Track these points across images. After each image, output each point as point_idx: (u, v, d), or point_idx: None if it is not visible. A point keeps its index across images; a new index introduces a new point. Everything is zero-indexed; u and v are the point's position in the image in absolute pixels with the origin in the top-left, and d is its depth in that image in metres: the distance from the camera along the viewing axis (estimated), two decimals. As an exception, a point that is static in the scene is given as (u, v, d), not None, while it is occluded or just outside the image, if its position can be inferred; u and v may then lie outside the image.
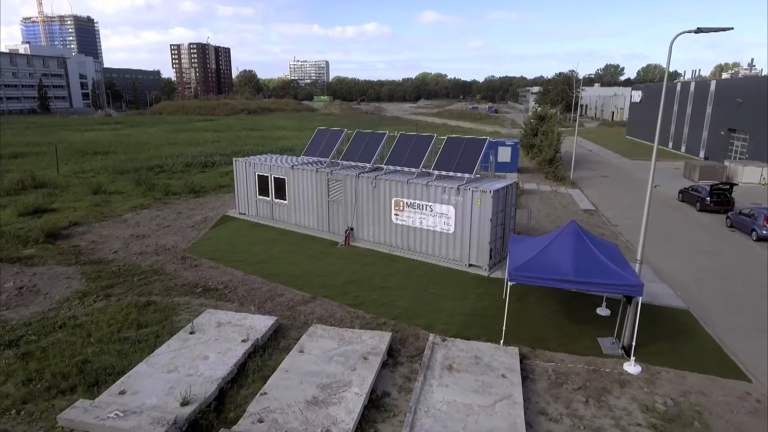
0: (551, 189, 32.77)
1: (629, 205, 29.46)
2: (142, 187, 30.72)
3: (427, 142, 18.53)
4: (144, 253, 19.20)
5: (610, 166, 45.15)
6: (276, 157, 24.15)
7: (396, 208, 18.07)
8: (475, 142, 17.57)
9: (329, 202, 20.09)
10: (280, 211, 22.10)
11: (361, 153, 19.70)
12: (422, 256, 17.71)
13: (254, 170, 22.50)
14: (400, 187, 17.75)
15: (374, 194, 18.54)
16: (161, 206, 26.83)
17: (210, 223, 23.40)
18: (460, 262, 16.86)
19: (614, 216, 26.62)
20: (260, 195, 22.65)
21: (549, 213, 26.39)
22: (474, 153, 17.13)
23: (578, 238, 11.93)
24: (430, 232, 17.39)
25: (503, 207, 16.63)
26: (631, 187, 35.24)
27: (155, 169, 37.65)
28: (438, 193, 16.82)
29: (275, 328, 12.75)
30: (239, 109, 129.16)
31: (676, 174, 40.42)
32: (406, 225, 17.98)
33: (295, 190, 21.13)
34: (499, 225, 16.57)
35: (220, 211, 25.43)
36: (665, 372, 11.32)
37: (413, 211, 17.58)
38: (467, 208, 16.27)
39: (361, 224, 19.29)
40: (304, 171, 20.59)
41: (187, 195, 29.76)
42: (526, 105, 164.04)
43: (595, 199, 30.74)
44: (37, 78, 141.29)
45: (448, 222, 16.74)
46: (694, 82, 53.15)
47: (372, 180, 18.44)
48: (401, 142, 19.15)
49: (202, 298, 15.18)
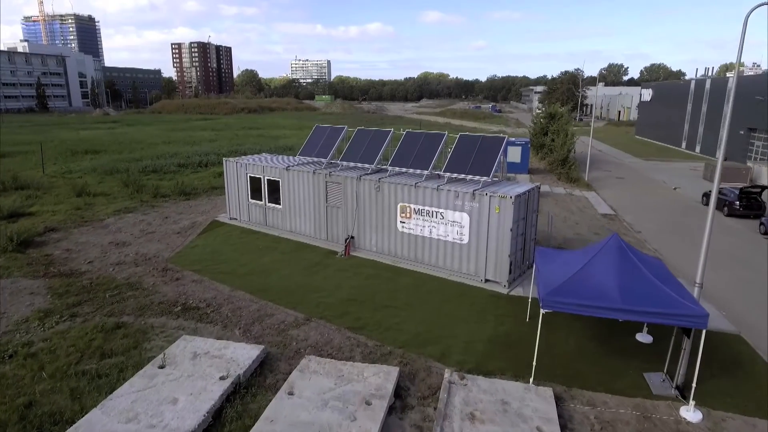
0: (566, 191, 30.76)
1: (650, 208, 27.47)
2: (130, 189, 28.82)
3: (437, 141, 16.54)
4: (122, 264, 17.26)
5: (624, 167, 43.13)
6: (270, 157, 22.19)
7: (402, 215, 16.09)
8: (492, 141, 15.56)
9: (327, 207, 18.12)
10: (274, 216, 20.14)
11: (363, 153, 17.72)
12: (431, 269, 15.73)
13: (246, 171, 20.55)
14: (407, 191, 15.77)
15: (377, 199, 16.57)
16: (147, 210, 24.89)
17: (198, 229, 21.45)
18: (474, 277, 14.87)
19: (636, 221, 24.62)
20: (252, 198, 20.70)
21: (566, 218, 24.39)
22: (491, 153, 15.14)
23: (623, 255, 9.95)
24: (440, 243, 15.41)
25: (524, 214, 14.65)
26: (649, 189, 33.23)
27: (146, 170, 35.76)
28: (450, 199, 14.85)
29: (262, 359, 10.80)
30: (239, 108, 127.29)
31: (694, 176, 38.39)
32: (413, 234, 16.00)
33: (290, 194, 19.17)
34: (520, 235, 14.59)
35: (211, 216, 23.49)
36: (731, 419, 9.34)
37: (421, 218, 15.61)
38: (484, 216, 14.28)
39: (363, 232, 17.33)
40: (299, 172, 18.62)
41: (177, 197, 27.83)
42: (530, 104, 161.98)
43: (613, 202, 28.73)
44: (35, 77, 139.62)
45: (462, 231, 14.76)
46: (710, 80, 51.06)
47: (375, 183, 16.47)
48: (407, 141, 17.17)
49: (181, 319, 13.23)
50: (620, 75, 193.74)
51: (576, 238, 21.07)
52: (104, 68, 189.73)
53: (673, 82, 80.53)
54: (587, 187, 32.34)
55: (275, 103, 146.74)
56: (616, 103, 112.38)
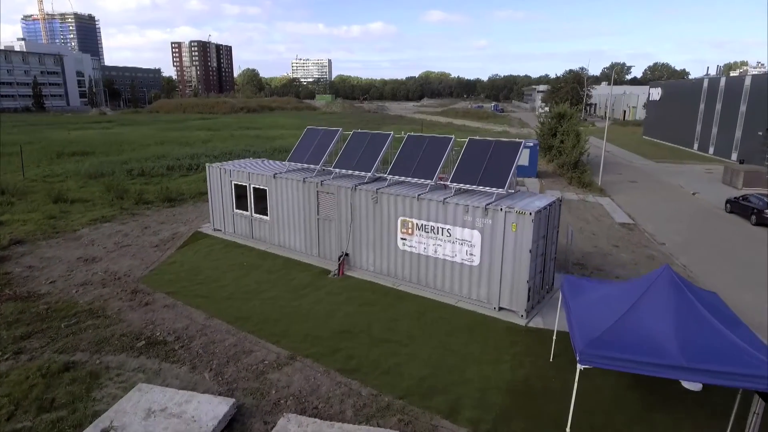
0: (578, 197, 28.75)
1: (670, 216, 25.45)
2: (111, 195, 26.89)
3: (443, 147, 14.54)
4: (87, 285, 15.32)
5: (635, 170, 41.07)
6: (258, 162, 20.20)
7: (403, 231, 14.11)
8: (506, 146, 13.54)
9: (319, 219, 16.15)
10: (261, 228, 18.17)
11: (359, 159, 15.73)
12: (437, 294, 13.75)
13: (230, 178, 18.59)
14: (409, 203, 13.79)
15: (375, 212, 14.60)
16: (127, 218, 22.95)
17: (179, 241, 19.50)
18: (487, 305, 12.89)
19: (657, 231, 22.61)
20: (238, 208, 18.74)
21: (582, 228, 22.38)
22: (505, 161, 13.14)
23: (679, 293, 7.97)
24: (447, 264, 13.42)
25: (545, 232, 12.66)
26: (666, 194, 31.20)
27: (133, 173, 33.83)
28: (458, 214, 12.87)
29: (231, 416, 8.84)
30: (238, 107, 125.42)
31: (710, 179, 36.32)
32: (415, 253, 14.02)
33: (279, 204, 17.20)
34: (540, 255, 12.61)
35: (194, 226, 21.54)
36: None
37: (426, 235, 13.63)
38: (498, 235, 12.30)
39: (359, 249, 15.36)
40: (288, 181, 16.65)
41: (161, 204, 25.89)
42: (532, 104, 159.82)
43: (629, 209, 26.71)
44: (32, 76, 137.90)
45: (472, 252, 12.79)
46: (725, 78, 48.97)
47: (372, 194, 14.49)
48: (409, 146, 15.17)
49: (143, 356, 11.28)
50: (623, 74, 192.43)
51: (595, 252, 19.10)
52: (103, 67, 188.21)
53: (684, 81, 78.43)
54: (600, 192, 30.32)
55: (275, 103, 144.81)
56: (621, 102, 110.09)
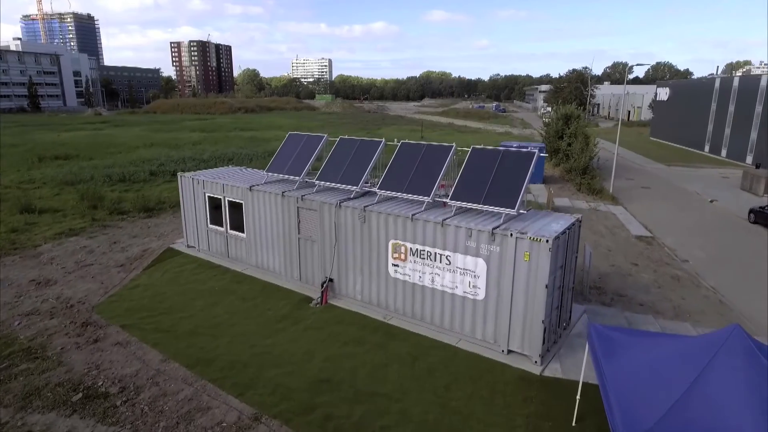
0: (588, 206, 26.67)
1: (689, 227, 23.37)
2: (85, 204, 24.89)
3: (442, 157, 12.49)
4: (33, 315, 13.33)
5: (646, 174, 38.94)
6: (235, 171, 18.14)
7: (395, 256, 12.08)
8: (517, 158, 11.45)
9: (300, 239, 14.12)
10: (237, 246, 16.14)
11: (345, 170, 13.69)
12: (435, 331, 11.71)
13: (203, 190, 16.56)
14: (401, 224, 11.76)
15: (363, 233, 12.57)
16: (97, 231, 20.96)
17: (148, 259, 17.48)
18: (494, 346, 10.84)
19: (678, 245, 20.54)
20: (212, 224, 16.72)
21: (597, 242, 20.33)
22: (515, 175, 11.09)
23: (755, 365, 5.94)
24: (447, 296, 11.39)
25: (563, 261, 10.62)
26: (681, 201, 29.10)
27: (113, 178, 31.84)
28: (460, 238, 10.83)
29: None
30: (236, 107, 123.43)
31: (728, 185, 34.21)
32: (409, 282, 11.99)
33: (256, 220, 15.18)
34: (557, 289, 10.56)
35: (168, 240, 19.53)
36: None
37: (421, 262, 11.60)
38: (507, 264, 10.27)
39: (345, 274, 13.33)
40: (265, 194, 14.61)
41: (138, 214, 23.89)
42: (534, 104, 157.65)
43: (645, 219, 24.63)
44: (29, 76, 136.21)
45: (476, 283, 10.75)
46: (738, 78, 46.83)
47: (359, 212, 12.46)
48: (403, 156, 13.12)
49: (76, 416, 9.27)
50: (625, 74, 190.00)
51: (613, 272, 17.06)
52: (101, 67, 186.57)
53: (694, 80, 76.29)
54: (612, 200, 28.22)
55: (274, 103, 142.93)
56: (625, 102, 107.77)
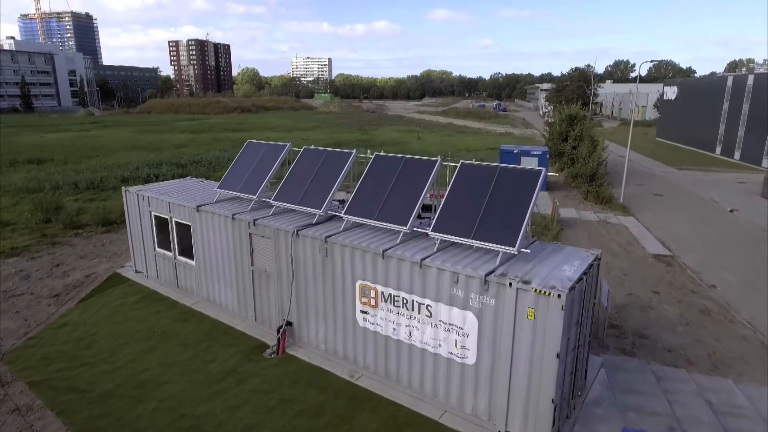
0: (597, 217, 24.09)
1: (711, 243, 20.77)
2: (39, 216, 22.41)
3: (424, 174, 9.94)
4: (-76, 366, 10.84)
5: (657, 178, 36.31)
6: (191, 185, 15.55)
7: (363, 301, 9.55)
8: (520, 177, 8.82)
9: (254, 272, 11.60)
10: (187, 275, 13.62)
11: (308, 189, 11.16)
12: (413, 398, 9.16)
13: (149, 208, 14.04)
14: (370, 261, 9.24)
15: (325, 268, 10.05)
16: (42, 250, 18.47)
17: (89, 287, 14.98)
18: (488, 424, 8.28)
19: (701, 266, 17.97)
20: (160, 247, 14.21)
21: (610, 263, 17.77)
22: (517, 201, 8.54)
23: None
24: (428, 356, 8.86)
25: (579, 315, 8.08)
26: (698, 211, 26.49)
27: (81, 186, 29.35)
28: (444, 284, 8.32)
29: None
30: (232, 107, 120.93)
31: (746, 191, 31.59)
32: (381, 334, 9.46)
33: (205, 246, 12.66)
34: (572, 350, 8.02)
35: (118, 263, 17.03)
36: None
37: (395, 310, 9.08)
38: (506, 322, 7.74)
39: (305, 318, 10.80)
40: (214, 216, 12.08)
41: (96, 228, 21.40)
42: (535, 103, 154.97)
43: (660, 233, 22.05)
44: (22, 75, 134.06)
45: (465, 343, 8.23)
46: (753, 76, 44.16)
47: (321, 243, 9.94)
48: (377, 172, 10.57)
49: None
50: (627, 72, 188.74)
51: (632, 304, 14.53)
52: (98, 66, 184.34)
53: (704, 79, 73.56)
54: (623, 210, 25.64)
55: (271, 102, 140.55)
56: (629, 101, 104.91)
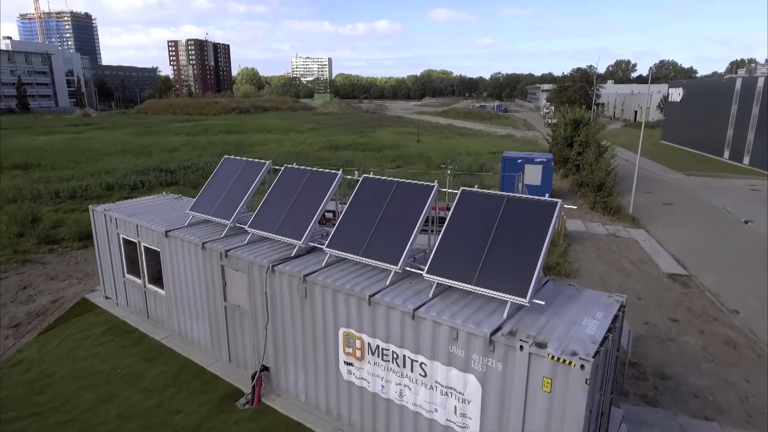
0: (606, 230, 22.73)
1: (728, 257, 19.41)
2: (15, 228, 21.11)
3: (419, 202, 8.61)
4: None
5: (665, 185, 34.88)
6: (163, 203, 14.18)
7: (348, 351, 8.23)
8: (532, 211, 7.37)
9: (227, 308, 10.27)
10: (157, 306, 12.29)
11: (287, 215, 9.82)
12: (405, 462, 7.84)
13: (117, 230, 12.71)
14: (355, 307, 7.91)
15: (304, 310, 8.72)
16: (10, 270, 17.14)
17: (53, 315, 13.65)
18: (493, 507, 6.98)
19: (721, 287, 16.62)
20: (129, 273, 12.88)
21: (622, 284, 16.41)
22: (529, 241, 7.16)
23: None
24: (422, 420, 7.53)
25: (603, 380, 6.74)
26: (711, 222, 25.12)
27: (63, 194, 28.02)
28: (440, 340, 6.99)
29: None
30: (230, 108, 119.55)
31: (759, 199, 30.24)
32: (368, 390, 8.13)
33: (175, 275, 11.32)
34: (594, 420, 6.68)
35: (90, 285, 15.69)
36: None
37: (384, 365, 7.76)
38: (516, 391, 6.41)
39: (283, 363, 9.47)
40: (184, 243, 10.75)
41: (72, 243, 20.08)
42: (536, 103, 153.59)
43: (673, 247, 20.69)
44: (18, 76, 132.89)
45: (465, 410, 6.90)
46: (765, 78, 42.78)
47: (299, 281, 8.61)
48: (365, 198, 9.22)
49: None
50: (628, 72, 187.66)
51: (649, 335, 13.19)
52: (97, 67, 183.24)
53: (712, 80, 72.26)
54: (632, 221, 24.28)
55: (270, 102, 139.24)
56: (632, 102, 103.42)
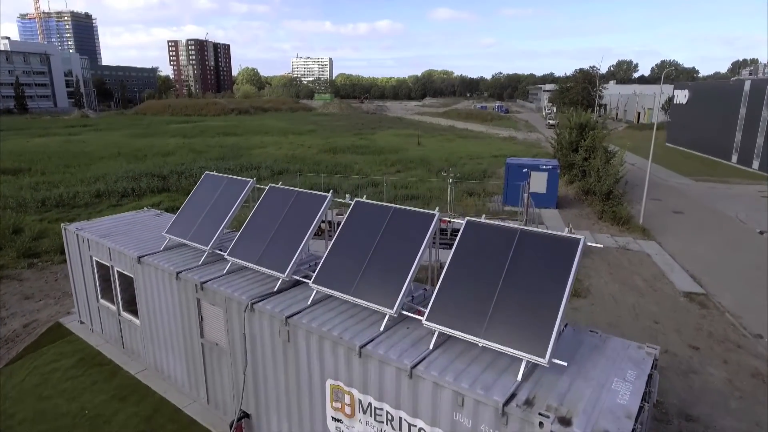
0: (616, 243, 21.64)
1: (745, 273, 18.33)
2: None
3: (419, 232, 7.55)
4: None
5: (673, 191, 33.76)
6: (141, 221, 13.05)
7: (336, 406, 7.18)
8: (549, 247, 6.32)
9: (204, 344, 9.22)
10: (132, 336, 11.24)
11: (270, 242, 8.77)
12: None
13: (89, 252, 11.66)
14: (344, 357, 6.85)
15: (287, 356, 7.67)
16: (-17, 288, 16.12)
17: (23, 343, 12.61)
18: None
19: (740, 307, 15.54)
20: (103, 298, 11.82)
21: (636, 305, 15.33)
22: (547, 286, 6.10)
23: None
24: (420, 492, 6.50)
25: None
26: (724, 232, 24.03)
27: (50, 202, 27.00)
28: (443, 404, 5.94)
29: None
30: (229, 109, 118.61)
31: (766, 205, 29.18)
32: (359, 450, 7.09)
33: (150, 305, 10.27)
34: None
35: (67, 306, 14.64)
36: None
37: (377, 426, 6.69)
38: (531, 468, 5.38)
39: (265, 410, 8.42)
40: (157, 271, 9.70)
41: (54, 257, 19.06)
42: (538, 104, 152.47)
43: (687, 261, 19.61)
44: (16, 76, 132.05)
45: (473, 488, 5.86)
46: (774, 80, 41.73)
47: (282, 323, 7.56)
48: (356, 226, 8.17)
49: None
50: (630, 72, 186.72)
51: (670, 366, 12.10)
52: (96, 67, 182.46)
53: (719, 82, 71.06)
54: (642, 232, 23.18)
55: (269, 103, 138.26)
56: (635, 103, 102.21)
